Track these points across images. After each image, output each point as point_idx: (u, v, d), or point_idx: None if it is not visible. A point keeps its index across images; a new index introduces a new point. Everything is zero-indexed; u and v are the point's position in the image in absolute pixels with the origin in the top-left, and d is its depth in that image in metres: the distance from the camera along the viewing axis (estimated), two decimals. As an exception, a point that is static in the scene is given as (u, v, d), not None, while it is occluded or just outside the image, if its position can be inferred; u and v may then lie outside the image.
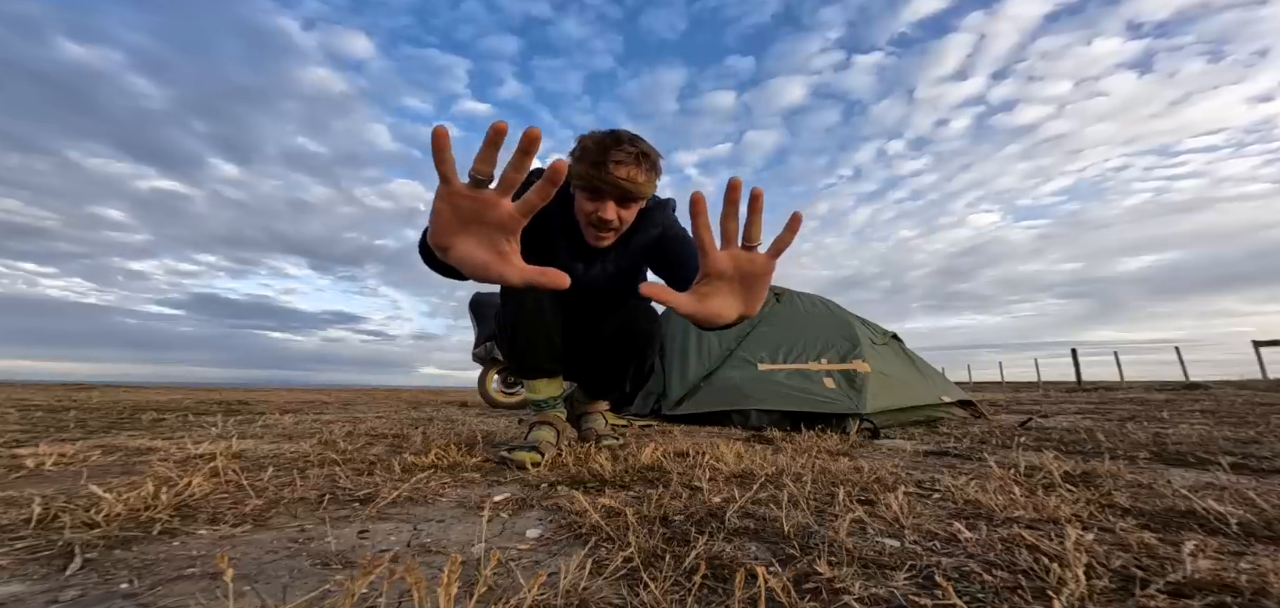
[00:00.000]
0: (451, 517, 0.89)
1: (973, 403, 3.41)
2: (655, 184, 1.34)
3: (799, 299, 3.18)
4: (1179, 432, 2.19)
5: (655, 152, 1.29)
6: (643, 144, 1.26)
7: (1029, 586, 0.59)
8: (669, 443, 1.63)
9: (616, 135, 1.25)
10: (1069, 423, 2.73)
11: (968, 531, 0.77)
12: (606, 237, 1.36)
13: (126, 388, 8.67)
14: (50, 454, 1.36)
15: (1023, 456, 1.54)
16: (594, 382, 1.72)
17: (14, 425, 2.21)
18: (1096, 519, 0.86)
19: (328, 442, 1.76)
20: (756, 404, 2.47)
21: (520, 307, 1.46)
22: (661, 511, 0.89)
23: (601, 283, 1.52)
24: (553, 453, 1.43)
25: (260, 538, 0.77)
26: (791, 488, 1.02)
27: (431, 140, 0.54)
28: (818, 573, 0.62)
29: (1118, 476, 1.20)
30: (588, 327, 1.65)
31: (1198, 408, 3.80)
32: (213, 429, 2.18)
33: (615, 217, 1.30)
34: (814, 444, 1.75)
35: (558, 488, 1.09)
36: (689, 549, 0.70)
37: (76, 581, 0.61)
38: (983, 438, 2.04)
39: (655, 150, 1.29)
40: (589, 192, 1.28)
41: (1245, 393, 6.88)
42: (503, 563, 0.67)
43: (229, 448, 1.52)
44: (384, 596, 0.56)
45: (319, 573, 0.64)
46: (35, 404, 3.68)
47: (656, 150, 1.29)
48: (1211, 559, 0.66)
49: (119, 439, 1.81)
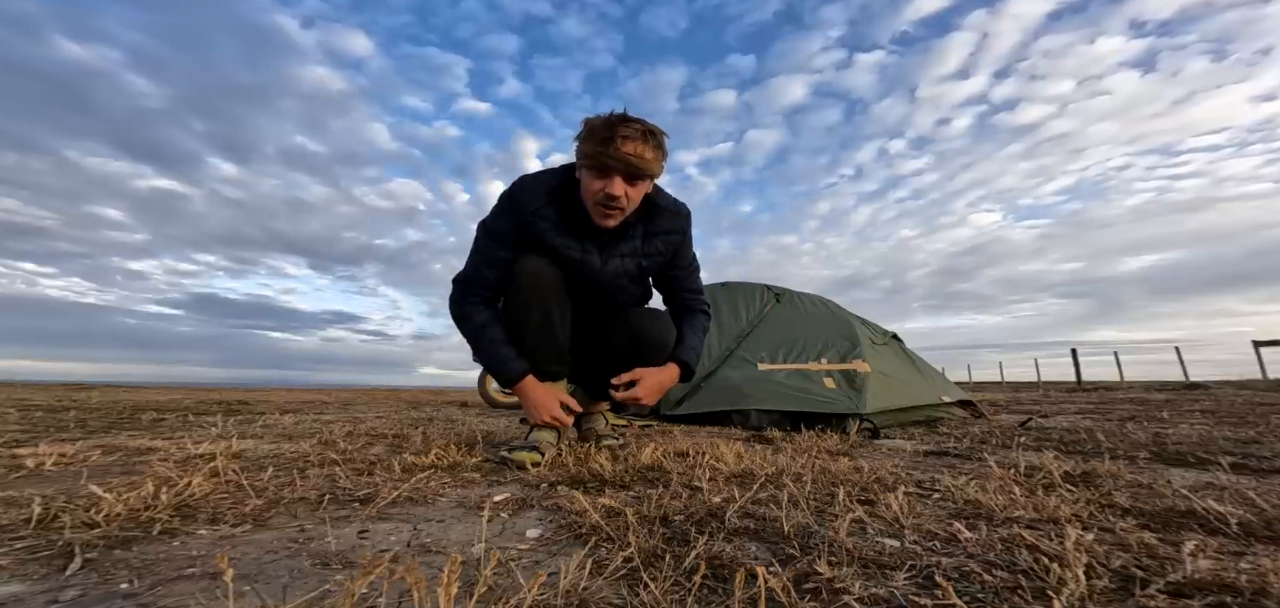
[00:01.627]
0: (451, 517, 0.89)
1: (973, 403, 3.41)
2: (662, 164, 1.37)
3: (799, 299, 3.17)
4: (1179, 432, 2.19)
5: (661, 130, 1.33)
6: (649, 123, 1.31)
7: (1029, 586, 0.59)
8: (669, 443, 1.63)
9: (623, 115, 1.29)
10: (1069, 423, 2.73)
11: (968, 531, 0.77)
12: (614, 215, 1.36)
13: (126, 388, 8.68)
14: (50, 454, 1.36)
15: (1023, 455, 1.54)
16: (602, 386, 1.72)
17: (14, 425, 2.21)
18: (1096, 519, 0.86)
19: (328, 442, 1.76)
20: (756, 404, 2.47)
21: (527, 307, 1.44)
22: (661, 511, 0.89)
23: (618, 277, 1.52)
24: (553, 453, 1.43)
25: (260, 538, 0.77)
26: (791, 488, 1.02)
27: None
28: (818, 573, 0.62)
29: (1118, 476, 1.20)
30: (599, 327, 1.64)
31: (1198, 408, 3.80)
32: (213, 429, 2.18)
33: (623, 194, 1.31)
34: (814, 444, 1.75)
35: (558, 488, 1.09)
36: (689, 549, 0.70)
37: (76, 581, 0.61)
38: (983, 438, 2.04)
39: (661, 129, 1.33)
40: (597, 169, 1.30)
41: (1245, 393, 6.88)
42: (503, 563, 0.67)
43: (229, 448, 1.52)
44: (384, 596, 0.56)
45: (319, 573, 0.64)
46: (35, 404, 3.68)
47: (662, 129, 1.34)
48: (1211, 559, 0.66)
49: (119, 439, 1.81)
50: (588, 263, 1.46)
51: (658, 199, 1.50)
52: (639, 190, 1.36)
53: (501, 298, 1.52)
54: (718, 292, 3.26)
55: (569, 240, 1.44)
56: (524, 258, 1.43)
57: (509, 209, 1.42)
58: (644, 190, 1.38)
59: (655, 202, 1.49)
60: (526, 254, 1.44)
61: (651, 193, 1.47)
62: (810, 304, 3.13)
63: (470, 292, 1.49)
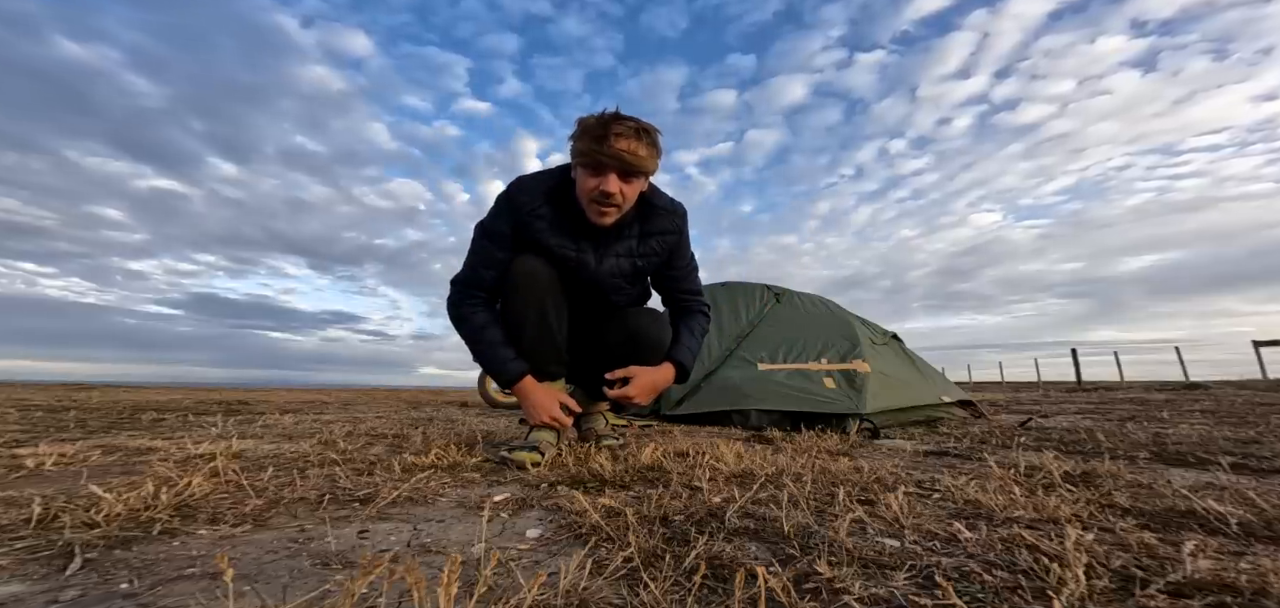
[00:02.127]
0: (451, 517, 0.89)
1: (973, 403, 3.41)
2: (656, 162, 1.38)
3: (799, 299, 3.17)
4: (1179, 432, 2.19)
5: (655, 128, 1.34)
6: (643, 121, 1.32)
7: (1029, 586, 0.59)
8: (669, 443, 1.63)
9: (616, 112, 1.31)
10: (1069, 423, 2.73)
11: (968, 531, 0.77)
12: (609, 212, 1.37)
13: (126, 388, 8.68)
14: (50, 454, 1.36)
15: (1023, 455, 1.54)
16: (599, 386, 1.72)
17: (14, 425, 2.21)
18: (1096, 519, 0.86)
19: (328, 442, 1.76)
20: (756, 404, 2.47)
21: (525, 307, 1.44)
22: (661, 511, 0.89)
23: (615, 276, 1.52)
24: (553, 453, 1.43)
25: (260, 538, 0.77)
26: (791, 488, 1.02)
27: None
28: (818, 573, 0.62)
29: (1118, 476, 1.20)
30: (596, 327, 1.64)
31: (1198, 408, 3.80)
32: (213, 429, 2.18)
33: (618, 191, 1.32)
34: (814, 444, 1.75)
35: (558, 488, 1.09)
36: (689, 549, 0.70)
37: (76, 581, 0.61)
38: (983, 438, 2.04)
39: (655, 127, 1.34)
40: (591, 167, 1.31)
41: (1245, 393, 6.88)
42: (503, 563, 0.67)
43: (229, 448, 1.52)
44: (384, 596, 0.56)
45: (319, 573, 0.64)
46: (35, 404, 3.68)
47: (656, 127, 1.35)
48: (1211, 559, 0.66)
49: (119, 439, 1.81)
50: (583, 262, 1.46)
51: (654, 199, 1.50)
52: (634, 188, 1.37)
53: (500, 299, 1.52)
54: (718, 292, 3.26)
55: (565, 240, 1.44)
56: (520, 258, 1.44)
57: (506, 210, 1.42)
58: (639, 188, 1.39)
59: (651, 201, 1.49)
60: (523, 254, 1.44)
61: (648, 193, 1.47)
62: (810, 304, 3.13)
63: (468, 293, 1.49)
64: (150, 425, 2.35)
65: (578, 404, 1.53)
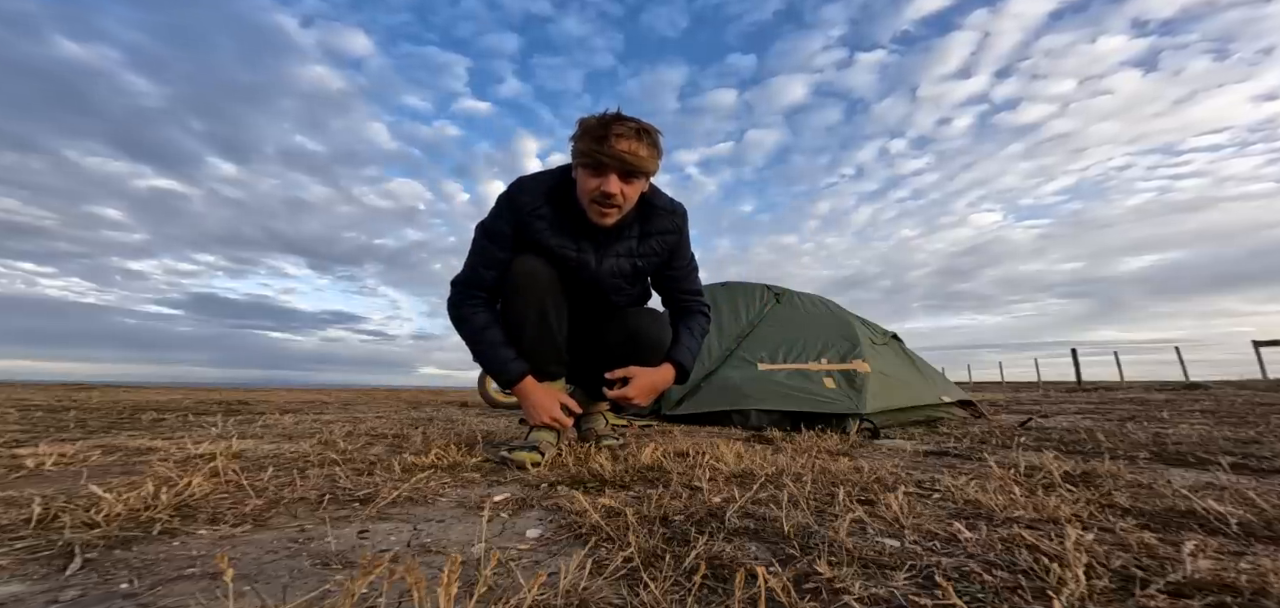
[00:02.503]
0: (451, 517, 0.89)
1: (973, 403, 3.41)
2: (657, 162, 1.38)
3: (799, 299, 3.17)
4: (1179, 432, 2.19)
5: (655, 128, 1.35)
6: (643, 121, 1.33)
7: (1029, 586, 0.59)
8: (669, 443, 1.63)
9: (617, 113, 1.31)
10: (1069, 423, 2.73)
11: (968, 531, 0.77)
12: (610, 213, 1.37)
13: (126, 388, 8.68)
14: (50, 454, 1.36)
15: (1023, 455, 1.54)
16: (599, 386, 1.72)
17: (14, 425, 2.21)
18: (1096, 519, 0.86)
19: (328, 442, 1.76)
20: (756, 404, 2.47)
21: (525, 307, 1.44)
22: (661, 511, 0.89)
23: (615, 276, 1.52)
24: (553, 453, 1.43)
25: (260, 538, 0.77)
26: (791, 488, 1.02)
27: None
28: (818, 573, 0.62)
29: (1118, 475, 1.20)
30: (596, 327, 1.64)
31: (1198, 408, 3.80)
32: (213, 429, 2.18)
33: (619, 191, 1.32)
34: (814, 444, 1.75)
35: (558, 488, 1.09)
36: (689, 549, 0.70)
37: (76, 581, 0.61)
38: (983, 438, 2.04)
39: (655, 127, 1.35)
40: (592, 167, 1.31)
41: (1245, 393, 6.88)
42: (503, 563, 0.67)
43: (229, 448, 1.52)
44: (384, 596, 0.56)
45: (319, 573, 0.64)
46: (35, 404, 3.68)
47: (656, 128, 1.35)
48: (1211, 559, 0.66)
49: (119, 439, 1.81)
50: (584, 262, 1.46)
51: (654, 199, 1.50)
52: (634, 188, 1.37)
53: (500, 299, 1.52)
54: (718, 291, 3.26)
55: (565, 240, 1.44)
56: (520, 258, 1.44)
57: (507, 210, 1.42)
58: (639, 188, 1.39)
59: (651, 202, 1.49)
60: (523, 254, 1.44)
61: (648, 193, 1.47)
62: (810, 304, 3.13)
63: (468, 293, 1.49)
64: (150, 426, 2.35)
65: (578, 404, 1.53)
